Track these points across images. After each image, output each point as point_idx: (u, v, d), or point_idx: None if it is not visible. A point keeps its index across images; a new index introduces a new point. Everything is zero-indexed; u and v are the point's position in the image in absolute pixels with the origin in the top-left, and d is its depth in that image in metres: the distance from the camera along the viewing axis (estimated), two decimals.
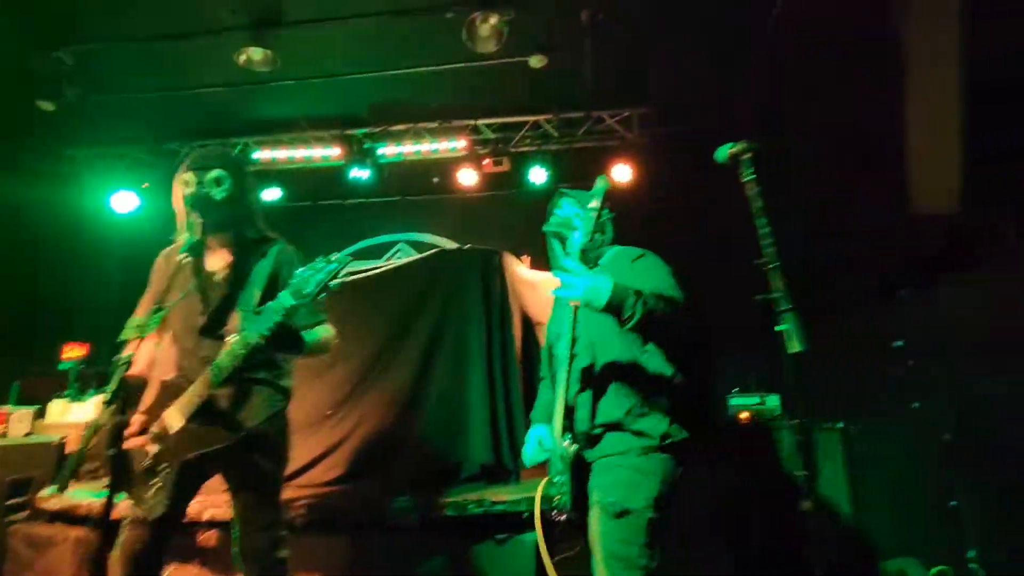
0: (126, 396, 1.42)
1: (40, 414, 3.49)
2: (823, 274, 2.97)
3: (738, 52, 3.86)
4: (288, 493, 2.99)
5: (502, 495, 2.65)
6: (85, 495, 2.77)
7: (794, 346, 1.04)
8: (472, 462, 3.09)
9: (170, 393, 1.72)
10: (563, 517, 1.63)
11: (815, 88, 2.89)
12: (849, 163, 2.62)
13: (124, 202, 5.01)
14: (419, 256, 3.79)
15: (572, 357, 1.61)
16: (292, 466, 3.14)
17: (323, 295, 1.60)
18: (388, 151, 4.98)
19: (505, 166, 5.01)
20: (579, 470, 1.61)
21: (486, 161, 4.98)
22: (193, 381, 1.68)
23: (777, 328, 1.07)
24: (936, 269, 2.22)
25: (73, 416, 3.47)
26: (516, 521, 2.53)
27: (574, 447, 1.59)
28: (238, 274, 1.82)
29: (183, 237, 1.76)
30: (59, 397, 3.71)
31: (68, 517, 2.78)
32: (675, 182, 4.80)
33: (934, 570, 2.44)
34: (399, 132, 4.99)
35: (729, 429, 3.25)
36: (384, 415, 3.06)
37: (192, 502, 1.81)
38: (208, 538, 2.70)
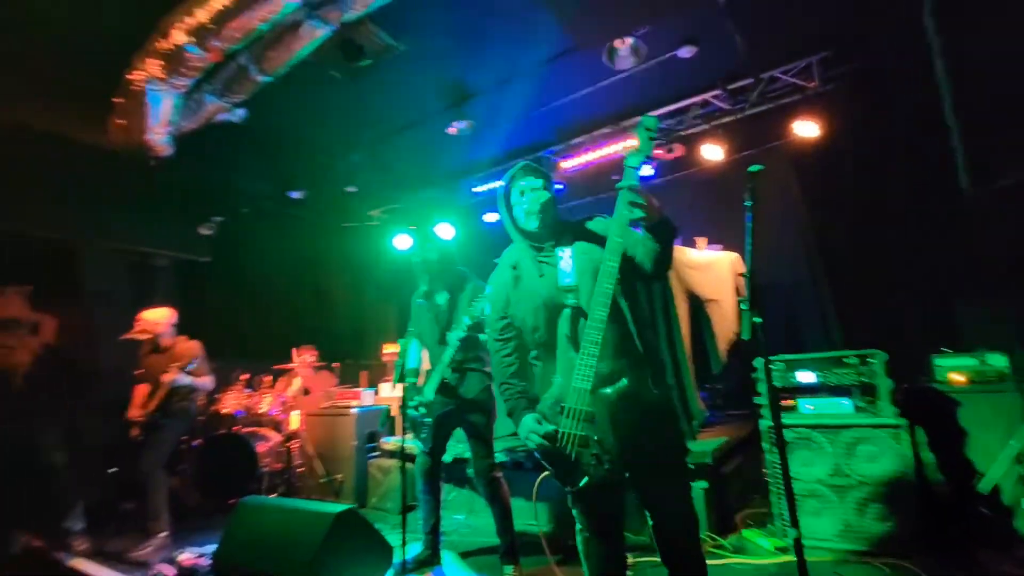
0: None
1: (376, 392, 5.47)
2: None
3: None
4: (508, 443, 4.15)
5: None
6: (406, 442, 4.43)
7: (743, 334, 1.43)
8: None
9: (426, 378, 2.92)
10: None
11: None
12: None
13: (401, 242, 7.02)
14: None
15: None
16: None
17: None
18: (571, 162, 5.77)
19: (678, 151, 5.27)
20: None
21: (659, 151, 5.33)
22: None
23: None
24: None
25: (395, 392, 5.33)
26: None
27: None
28: (452, 303, 2.91)
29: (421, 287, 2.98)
30: (385, 381, 5.70)
31: (397, 454, 4.47)
32: (873, 123, 4.34)
33: None
34: (579, 143, 5.73)
35: (929, 394, 3.08)
36: None
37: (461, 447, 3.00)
38: None
